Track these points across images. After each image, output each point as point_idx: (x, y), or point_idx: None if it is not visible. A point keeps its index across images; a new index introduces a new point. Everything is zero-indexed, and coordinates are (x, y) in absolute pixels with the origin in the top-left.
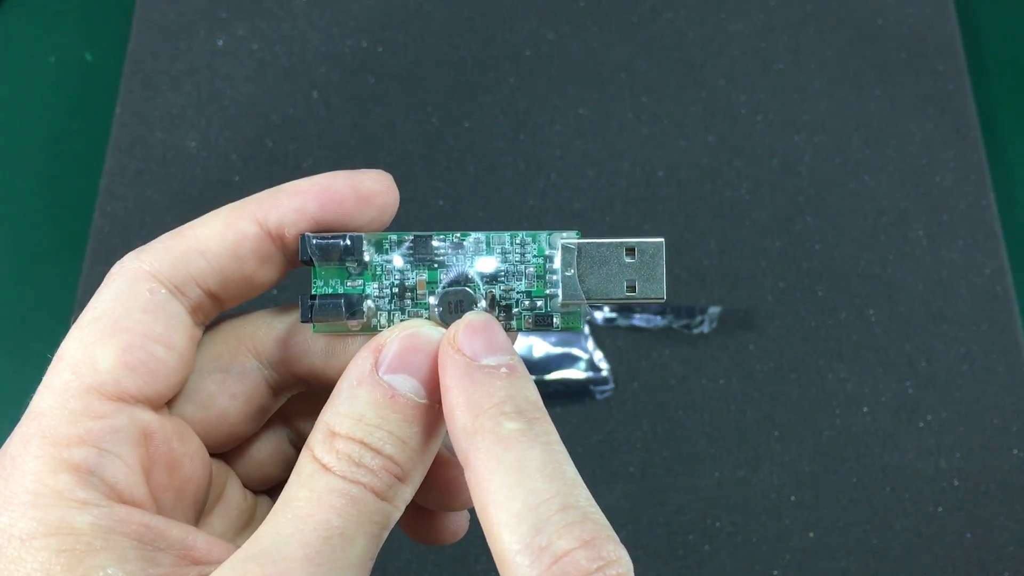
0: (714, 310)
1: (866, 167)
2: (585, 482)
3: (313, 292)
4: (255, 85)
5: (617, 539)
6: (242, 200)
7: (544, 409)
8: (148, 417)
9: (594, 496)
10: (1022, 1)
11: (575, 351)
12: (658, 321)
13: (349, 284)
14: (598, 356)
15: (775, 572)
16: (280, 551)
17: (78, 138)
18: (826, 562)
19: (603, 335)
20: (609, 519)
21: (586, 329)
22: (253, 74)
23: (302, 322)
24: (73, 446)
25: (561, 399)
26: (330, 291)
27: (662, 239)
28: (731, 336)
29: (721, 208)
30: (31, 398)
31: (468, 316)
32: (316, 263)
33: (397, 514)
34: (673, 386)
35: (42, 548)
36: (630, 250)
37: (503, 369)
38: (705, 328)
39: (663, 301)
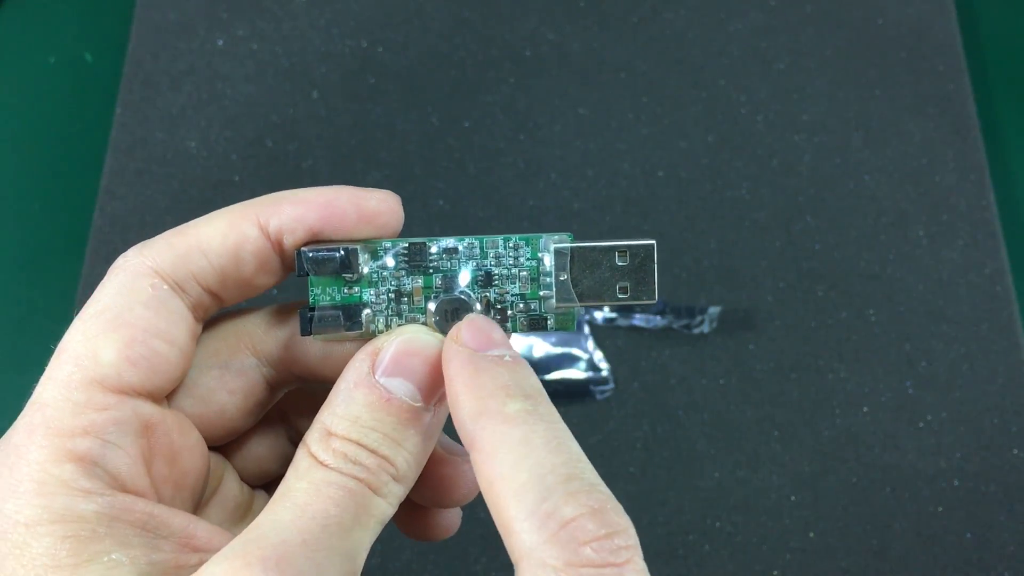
0: (714, 310)
1: (866, 167)
2: None
3: (311, 302)
4: (255, 85)
5: (623, 511)
6: (246, 202)
7: (546, 394)
8: (149, 410)
9: None
10: (1022, 1)
11: (575, 351)
12: (658, 321)
13: (346, 292)
14: (598, 356)
15: (775, 572)
16: (279, 535)
17: (78, 138)
18: (826, 562)
19: (603, 335)
20: None
21: (586, 329)
22: (253, 74)
23: (301, 335)
24: (77, 436)
25: (561, 399)
26: (327, 300)
27: (653, 241)
28: (731, 336)
29: (721, 208)
30: (32, 394)
31: (470, 316)
32: (312, 275)
33: (391, 511)
34: (673, 386)
35: (46, 534)
36: (622, 252)
37: (506, 357)
38: (705, 328)
39: (655, 303)
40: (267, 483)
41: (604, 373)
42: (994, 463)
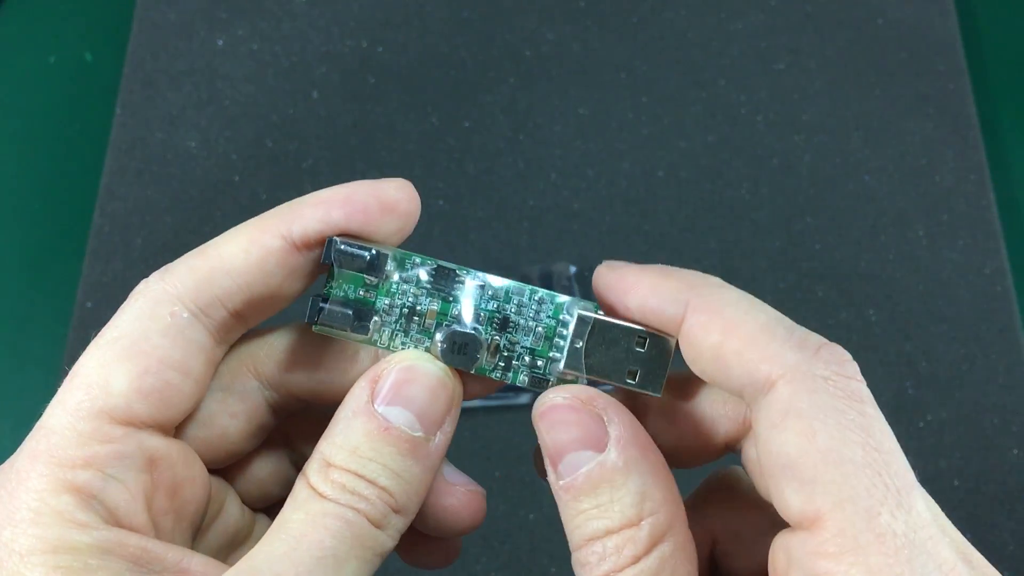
0: None
1: (866, 167)
2: None
3: (326, 293)
4: (255, 85)
5: None
6: (264, 215)
7: None
8: (156, 443)
9: None
10: (1022, 1)
11: None
12: None
13: (362, 293)
14: None
15: None
16: (272, 568)
17: (78, 138)
18: None
19: None
20: None
21: None
22: (253, 74)
23: (307, 322)
24: (78, 468)
25: None
26: (342, 295)
27: (675, 337)
28: None
29: (721, 208)
30: (32, 399)
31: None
32: (337, 267)
33: (391, 543)
34: None
35: (40, 564)
36: (642, 339)
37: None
38: None
39: (659, 397)
40: (269, 506)
41: None
42: (994, 463)
